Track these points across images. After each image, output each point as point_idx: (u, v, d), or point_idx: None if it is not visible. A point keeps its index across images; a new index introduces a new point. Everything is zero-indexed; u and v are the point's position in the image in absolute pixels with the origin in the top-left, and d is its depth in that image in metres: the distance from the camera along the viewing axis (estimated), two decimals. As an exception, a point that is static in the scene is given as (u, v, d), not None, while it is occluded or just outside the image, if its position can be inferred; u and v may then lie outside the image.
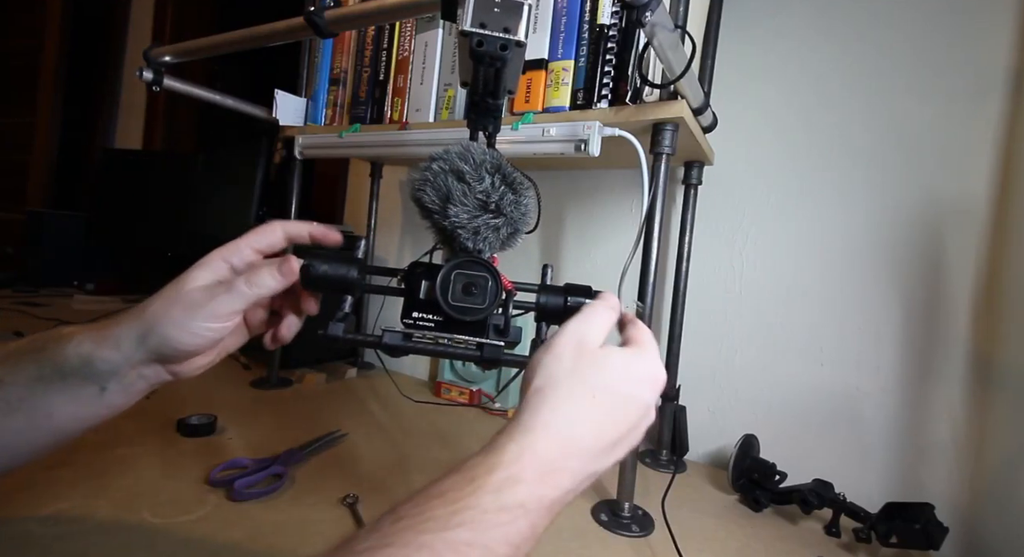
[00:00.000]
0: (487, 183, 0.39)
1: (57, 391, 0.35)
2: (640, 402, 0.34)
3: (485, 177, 0.39)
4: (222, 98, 1.05)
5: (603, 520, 0.62)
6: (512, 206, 0.40)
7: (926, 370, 0.73)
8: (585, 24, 0.69)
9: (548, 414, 0.30)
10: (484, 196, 0.39)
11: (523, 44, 0.38)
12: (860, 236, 0.79)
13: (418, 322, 0.41)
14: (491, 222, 0.39)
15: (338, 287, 0.40)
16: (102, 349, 0.35)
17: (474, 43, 0.37)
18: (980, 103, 0.72)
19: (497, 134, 0.46)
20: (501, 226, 0.40)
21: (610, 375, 0.33)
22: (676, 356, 0.86)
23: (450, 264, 0.40)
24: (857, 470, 0.76)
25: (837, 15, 0.82)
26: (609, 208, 0.98)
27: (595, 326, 0.35)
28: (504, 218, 0.40)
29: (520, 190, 0.41)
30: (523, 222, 0.41)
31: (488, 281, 0.40)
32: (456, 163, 0.39)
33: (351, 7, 0.74)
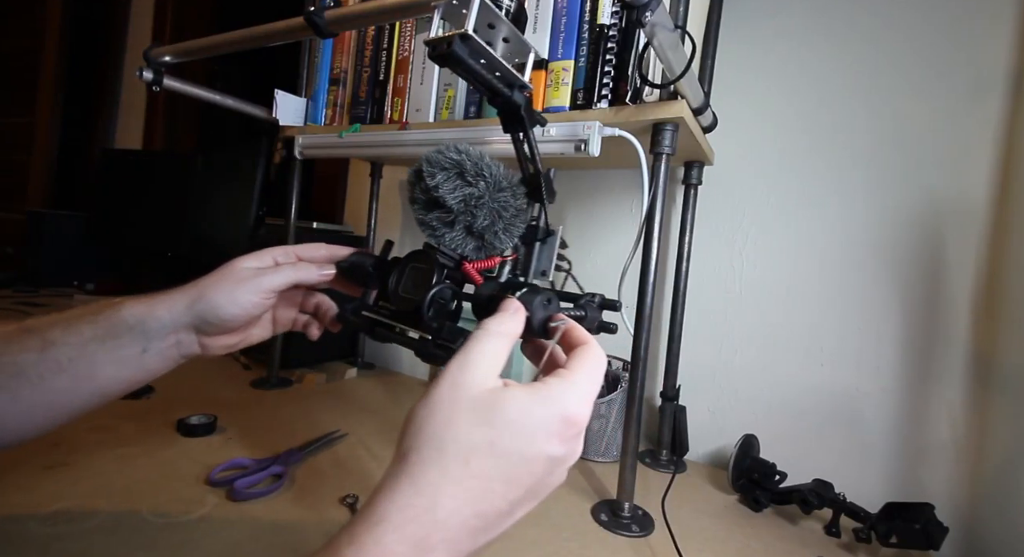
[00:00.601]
0: (438, 178, 0.38)
1: (106, 351, 0.39)
2: (539, 459, 0.27)
3: (438, 173, 0.39)
4: (222, 98, 1.05)
5: (603, 520, 0.62)
6: (461, 200, 0.38)
7: (926, 370, 0.73)
8: (585, 24, 0.69)
9: (406, 497, 0.24)
10: (433, 191, 0.39)
11: (468, 36, 0.37)
12: (860, 236, 0.79)
13: (380, 309, 0.44)
14: (442, 217, 0.40)
15: (359, 276, 0.46)
16: (156, 309, 0.40)
17: (429, 51, 0.38)
18: (980, 103, 0.72)
19: (529, 134, 0.44)
20: (453, 220, 0.39)
21: (496, 430, 0.26)
22: (676, 356, 0.86)
23: (407, 257, 0.43)
24: (857, 470, 0.76)
25: (837, 15, 0.82)
26: (609, 208, 0.98)
27: (479, 362, 0.28)
28: (452, 214, 0.39)
29: (478, 184, 0.39)
30: (481, 217, 0.39)
31: (432, 275, 0.40)
32: (421, 164, 0.40)
33: (351, 7, 0.74)
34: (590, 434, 0.80)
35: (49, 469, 0.58)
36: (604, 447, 0.80)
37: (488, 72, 0.41)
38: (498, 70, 0.41)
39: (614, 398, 0.79)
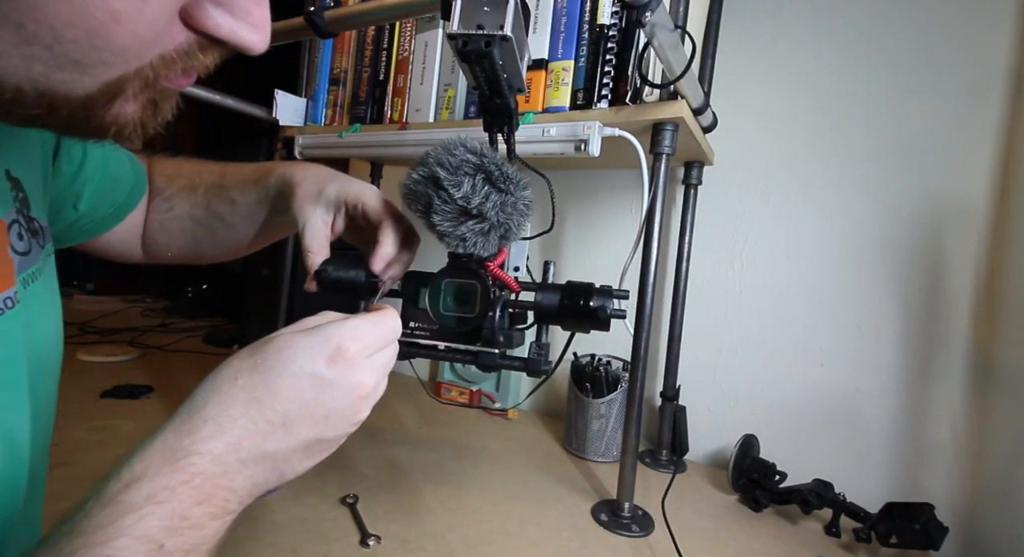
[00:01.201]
0: (466, 187, 0.37)
1: (272, 212, 0.50)
2: (302, 375, 0.29)
3: (464, 181, 0.37)
4: (222, 98, 1.05)
5: (603, 520, 0.62)
6: (498, 208, 0.38)
7: (926, 370, 0.73)
8: (585, 24, 0.69)
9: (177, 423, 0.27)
10: (464, 201, 0.37)
11: (508, 38, 0.36)
12: (860, 236, 0.79)
13: (415, 332, 0.42)
14: (475, 227, 0.38)
15: (348, 290, 0.42)
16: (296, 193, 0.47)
17: (459, 45, 0.36)
18: (980, 103, 0.72)
19: (514, 134, 0.44)
20: (488, 229, 0.38)
21: (261, 353, 0.29)
22: (676, 356, 0.86)
23: (439, 274, 0.40)
24: (857, 470, 0.76)
25: (837, 16, 0.82)
26: (609, 208, 0.98)
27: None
28: (489, 222, 0.38)
29: (509, 188, 0.38)
30: (515, 221, 0.39)
31: (478, 289, 0.39)
32: (433, 169, 0.38)
33: (351, 7, 0.74)
34: (590, 434, 0.80)
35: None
36: (604, 447, 0.80)
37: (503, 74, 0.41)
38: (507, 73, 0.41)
39: (614, 398, 0.79)
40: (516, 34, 0.40)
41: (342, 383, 0.30)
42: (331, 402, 0.29)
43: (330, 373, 0.29)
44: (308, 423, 0.29)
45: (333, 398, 0.29)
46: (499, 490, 0.67)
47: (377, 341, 0.32)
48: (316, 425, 0.29)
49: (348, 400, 0.30)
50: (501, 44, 0.36)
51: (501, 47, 0.37)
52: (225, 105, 1.05)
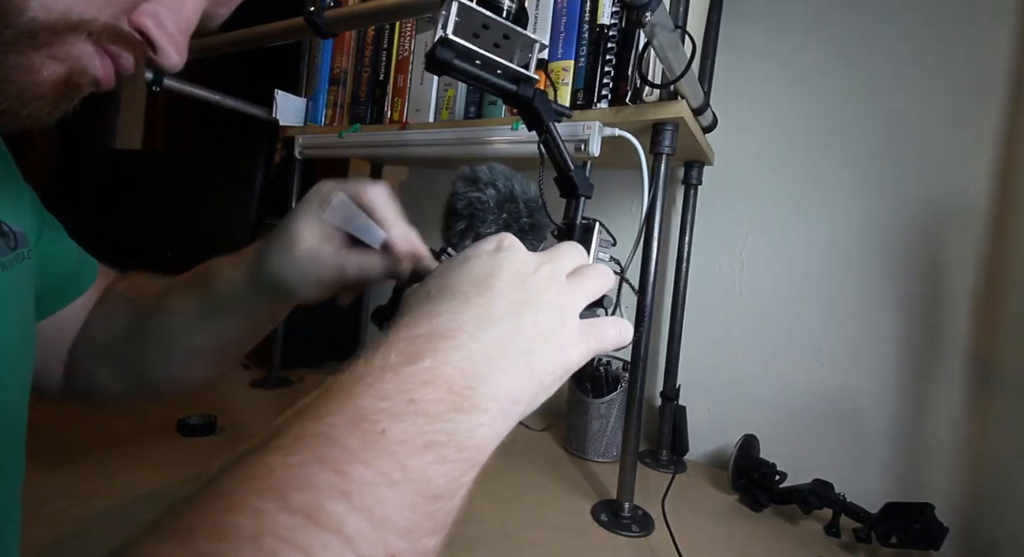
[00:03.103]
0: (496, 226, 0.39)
1: (220, 315, 0.40)
2: (478, 256, 0.29)
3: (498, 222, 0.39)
4: (222, 98, 1.05)
5: (603, 520, 0.62)
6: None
7: (926, 370, 0.73)
8: (585, 24, 0.69)
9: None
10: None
11: (446, 40, 0.38)
12: (860, 236, 0.79)
13: None
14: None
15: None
16: (244, 283, 0.39)
17: (425, 67, 0.37)
18: (980, 103, 0.72)
19: (549, 125, 0.43)
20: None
21: (452, 259, 0.30)
22: (676, 356, 0.86)
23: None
24: (857, 470, 0.76)
25: (837, 16, 0.82)
26: (609, 208, 0.98)
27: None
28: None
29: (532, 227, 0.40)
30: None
31: None
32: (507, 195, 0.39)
33: (351, 7, 0.74)
34: (590, 434, 0.80)
35: (50, 469, 0.58)
36: (604, 447, 0.80)
37: (488, 72, 0.41)
38: (499, 68, 0.41)
39: (614, 398, 0.79)
40: (488, 31, 0.41)
41: (509, 253, 0.29)
42: (508, 265, 0.28)
43: (495, 248, 0.29)
44: (502, 285, 0.27)
45: (509, 263, 0.28)
46: (499, 490, 0.67)
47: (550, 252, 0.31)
48: (514, 289, 0.27)
49: (521, 260, 0.28)
50: (445, 47, 0.37)
51: (449, 50, 0.38)
52: (225, 105, 1.05)
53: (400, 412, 0.20)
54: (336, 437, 0.19)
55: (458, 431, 0.21)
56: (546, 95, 0.43)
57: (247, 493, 0.17)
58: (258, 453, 0.18)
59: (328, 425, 0.19)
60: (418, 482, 0.19)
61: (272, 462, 0.18)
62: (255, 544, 0.15)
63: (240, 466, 0.18)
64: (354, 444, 0.19)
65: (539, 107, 0.42)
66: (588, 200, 0.44)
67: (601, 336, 0.29)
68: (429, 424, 0.20)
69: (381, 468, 0.19)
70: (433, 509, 0.20)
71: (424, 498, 0.19)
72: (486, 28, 0.41)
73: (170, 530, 0.16)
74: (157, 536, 0.16)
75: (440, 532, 0.20)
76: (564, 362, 0.27)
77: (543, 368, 0.26)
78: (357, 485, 0.18)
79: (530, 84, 0.42)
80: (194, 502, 0.17)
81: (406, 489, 0.19)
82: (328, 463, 0.18)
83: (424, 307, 0.26)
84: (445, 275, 0.28)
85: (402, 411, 0.20)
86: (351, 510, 0.17)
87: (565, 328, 0.27)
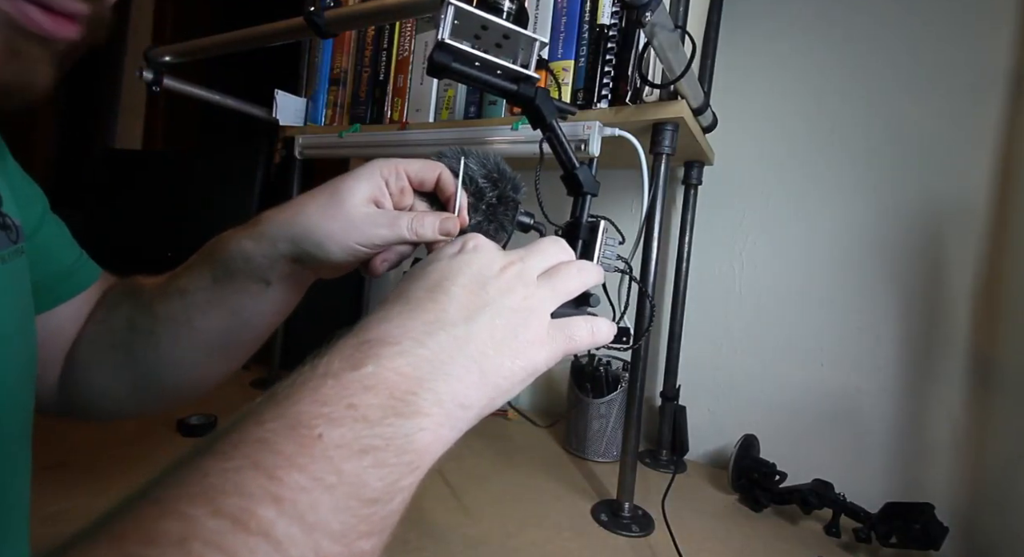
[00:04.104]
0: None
1: (232, 290, 0.38)
2: (441, 258, 0.29)
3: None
4: (222, 98, 1.05)
5: (603, 520, 0.62)
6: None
7: (926, 370, 0.73)
8: (585, 24, 0.69)
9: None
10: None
11: (443, 44, 0.38)
12: (860, 236, 0.79)
13: None
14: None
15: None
16: (260, 246, 0.36)
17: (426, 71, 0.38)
18: (980, 103, 0.72)
19: (552, 123, 0.43)
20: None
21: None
22: (676, 356, 0.86)
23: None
24: (857, 470, 0.76)
25: (837, 15, 0.82)
26: (609, 208, 0.98)
27: None
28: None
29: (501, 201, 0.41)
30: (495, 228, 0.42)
31: None
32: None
33: (351, 7, 0.74)
34: (590, 434, 0.80)
35: (49, 469, 0.58)
36: (604, 447, 0.80)
37: (488, 73, 0.41)
38: (499, 69, 0.41)
39: (614, 398, 0.79)
40: (488, 33, 0.41)
41: (469, 249, 0.29)
42: (467, 268, 0.28)
43: (457, 250, 0.29)
44: (457, 289, 0.27)
45: (466, 264, 0.28)
46: (499, 490, 0.67)
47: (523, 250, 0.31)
48: (470, 293, 0.27)
49: (484, 262, 0.28)
50: (442, 51, 0.38)
51: (446, 53, 0.38)
52: (225, 105, 1.06)
53: (338, 417, 0.20)
54: (273, 442, 0.19)
55: (397, 436, 0.21)
56: (548, 93, 0.43)
57: (179, 499, 0.17)
58: (196, 458, 0.19)
59: (266, 430, 0.19)
60: (354, 486, 0.19)
61: (207, 467, 0.18)
62: (181, 548, 0.16)
63: (177, 471, 0.18)
64: (290, 449, 0.19)
65: (541, 105, 0.42)
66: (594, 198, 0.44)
67: (570, 336, 0.29)
68: (367, 429, 0.21)
69: (315, 473, 0.19)
70: (369, 512, 0.20)
71: (360, 502, 0.19)
72: (485, 29, 0.41)
73: (102, 534, 0.16)
74: (88, 539, 0.16)
75: (378, 535, 0.20)
76: (525, 365, 0.27)
77: (498, 373, 0.26)
78: (290, 490, 0.18)
79: (531, 83, 0.42)
80: (128, 508, 0.17)
81: (340, 493, 0.19)
82: (262, 469, 0.18)
83: (377, 313, 0.26)
84: (406, 280, 0.28)
85: (340, 416, 0.20)
86: (282, 515, 0.17)
87: (529, 330, 0.27)
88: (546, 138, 0.44)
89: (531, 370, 0.27)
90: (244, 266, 0.37)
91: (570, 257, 0.33)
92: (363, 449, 0.20)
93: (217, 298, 0.38)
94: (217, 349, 0.40)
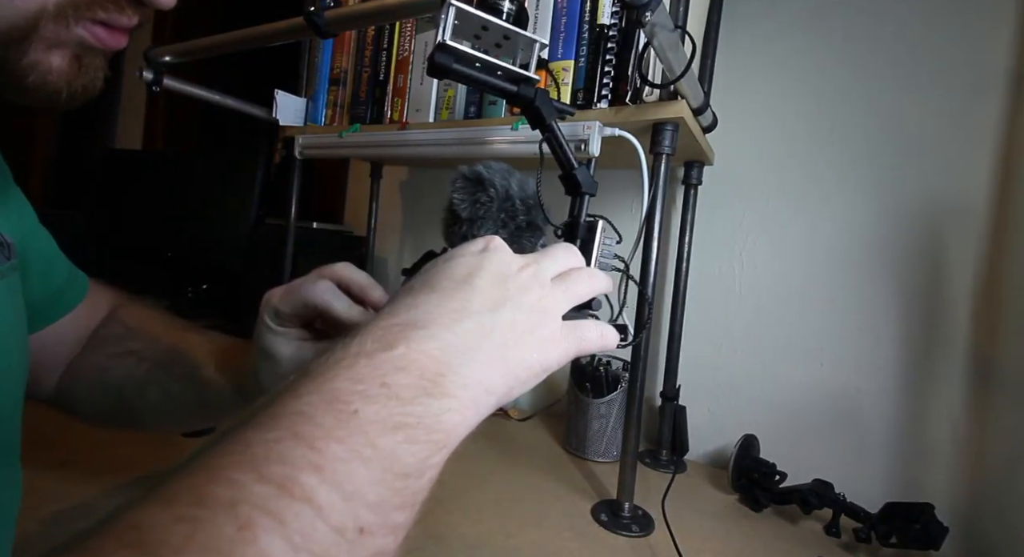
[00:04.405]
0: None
1: (209, 410, 0.43)
2: (444, 259, 0.30)
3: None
4: (222, 98, 1.05)
5: (603, 520, 0.62)
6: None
7: (926, 370, 0.73)
8: (585, 24, 0.69)
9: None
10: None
11: (444, 45, 0.39)
12: (860, 236, 0.79)
13: None
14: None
15: None
16: (234, 394, 0.41)
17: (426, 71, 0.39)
18: (979, 103, 0.72)
19: (551, 124, 0.44)
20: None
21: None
22: (676, 356, 0.86)
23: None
24: (857, 470, 0.76)
25: (837, 16, 0.82)
26: (609, 208, 0.98)
27: None
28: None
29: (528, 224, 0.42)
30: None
31: None
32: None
33: (351, 7, 0.74)
34: (590, 434, 0.80)
35: (49, 469, 0.58)
36: (604, 447, 0.80)
37: (488, 74, 0.41)
38: (499, 70, 0.41)
39: (614, 398, 0.79)
40: (488, 33, 0.41)
41: (496, 254, 0.30)
42: (490, 265, 0.29)
43: (485, 252, 0.30)
44: (481, 282, 0.28)
45: (489, 261, 0.29)
46: (499, 490, 0.67)
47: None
48: (493, 287, 0.28)
49: (505, 261, 0.29)
50: (443, 53, 0.38)
51: (447, 55, 0.39)
52: (225, 105, 1.05)
53: (373, 394, 0.21)
54: (311, 415, 0.20)
55: (427, 414, 0.22)
56: (547, 94, 0.43)
57: (225, 467, 0.18)
58: (237, 430, 0.19)
59: (304, 404, 0.20)
60: (387, 460, 0.20)
61: (250, 438, 0.19)
62: (231, 510, 0.16)
63: (220, 442, 0.19)
64: (328, 422, 0.20)
65: (540, 106, 0.42)
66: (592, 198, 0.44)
67: (582, 337, 0.30)
68: (400, 407, 0.21)
69: (353, 445, 0.20)
70: (402, 486, 0.21)
71: (393, 475, 0.20)
72: (485, 30, 0.41)
73: (152, 498, 0.17)
74: (140, 504, 0.17)
75: (408, 509, 0.21)
76: (541, 359, 0.28)
77: (518, 363, 0.27)
78: (330, 460, 0.19)
79: (530, 84, 0.42)
80: (176, 475, 0.18)
81: (376, 466, 0.20)
82: (303, 439, 0.19)
83: (405, 299, 0.27)
84: (430, 272, 0.29)
85: (375, 394, 0.21)
86: (323, 483, 0.18)
87: (545, 327, 0.28)
88: (546, 139, 0.44)
89: (546, 366, 0.28)
90: (220, 402, 0.42)
91: (581, 263, 0.34)
92: (396, 426, 0.21)
93: (195, 409, 0.43)
94: (195, 420, 0.46)
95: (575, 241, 0.42)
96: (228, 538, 0.16)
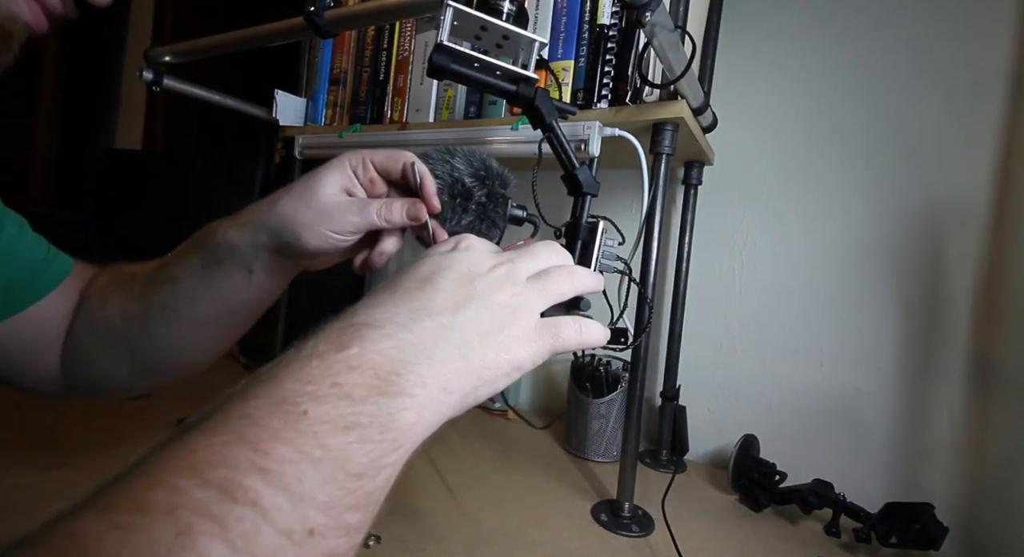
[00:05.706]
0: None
1: (219, 277, 0.39)
2: (424, 258, 0.30)
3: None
4: (222, 98, 1.05)
5: (603, 520, 0.62)
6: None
7: (926, 370, 0.73)
8: (585, 24, 0.69)
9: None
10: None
11: (441, 46, 0.39)
12: (860, 235, 0.79)
13: None
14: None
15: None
16: (244, 235, 0.38)
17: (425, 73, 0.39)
18: (979, 103, 0.72)
19: (551, 123, 0.43)
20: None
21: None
22: (676, 356, 0.86)
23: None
24: (857, 470, 0.76)
25: (837, 16, 0.82)
26: (609, 208, 0.98)
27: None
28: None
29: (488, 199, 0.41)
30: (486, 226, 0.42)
31: None
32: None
33: (351, 7, 0.74)
34: (590, 434, 0.80)
35: (48, 469, 0.58)
36: (604, 447, 0.80)
37: (488, 74, 0.41)
38: (498, 70, 0.41)
39: (614, 398, 0.79)
40: (487, 34, 0.41)
41: (466, 254, 0.30)
42: (457, 264, 0.29)
43: (453, 252, 0.30)
44: (445, 282, 0.28)
45: (457, 261, 0.29)
46: (499, 490, 0.67)
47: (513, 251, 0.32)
48: (458, 287, 0.28)
49: (474, 260, 0.30)
50: (441, 53, 0.38)
51: (446, 55, 0.38)
52: (225, 105, 1.05)
53: (323, 395, 0.21)
54: (258, 418, 0.20)
55: (381, 414, 0.22)
56: (548, 93, 0.43)
57: (167, 471, 0.18)
58: (183, 435, 0.19)
59: (252, 407, 0.20)
60: (339, 460, 0.20)
61: (194, 443, 0.19)
62: (170, 516, 0.16)
63: (164, 448, 0.19)
64: (275, 424, 0.19)
65: (540, 106, 0.42)
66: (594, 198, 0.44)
67: (557, 334, 0.29)
68: (351, 406, 0.21)
69: (301, 447, 0.19)
70: (354, 486, 0.20)
71: (345, 475, 0.20)
72: (485, 30, 0.41)
73: (90, 506, 0.17)
74: (78, 512, 0.17)
75: (363, 509, 0.21)
76: (510, 359, 0.27)
77: (481, 363, 0.26)
78: (276, 462, 0.18)
79: (530, 84, 0.42)
80: (116, 482, 0.18)
81: (326, 467, 0.19)
82: (248, 442, 0.19)
83: (365, 300, 0.27)
84: (398, 273, 0.29)
85: (325, 394, 0.21)
86: (268, 485, 0.18)
87: (515, 326, 0.28)
88: (546, 138, 0.44)
89: (516, 364, 0.28)
90: (229, 254, 0.39)
91: (563, 261, 0.33)
92: (347, 425, 0.21)
93: (204, 285, 0.40)
94: (207, 334, 0.42)
95: (576, 242, 0.42)
96: (166, 544, 0.15)
